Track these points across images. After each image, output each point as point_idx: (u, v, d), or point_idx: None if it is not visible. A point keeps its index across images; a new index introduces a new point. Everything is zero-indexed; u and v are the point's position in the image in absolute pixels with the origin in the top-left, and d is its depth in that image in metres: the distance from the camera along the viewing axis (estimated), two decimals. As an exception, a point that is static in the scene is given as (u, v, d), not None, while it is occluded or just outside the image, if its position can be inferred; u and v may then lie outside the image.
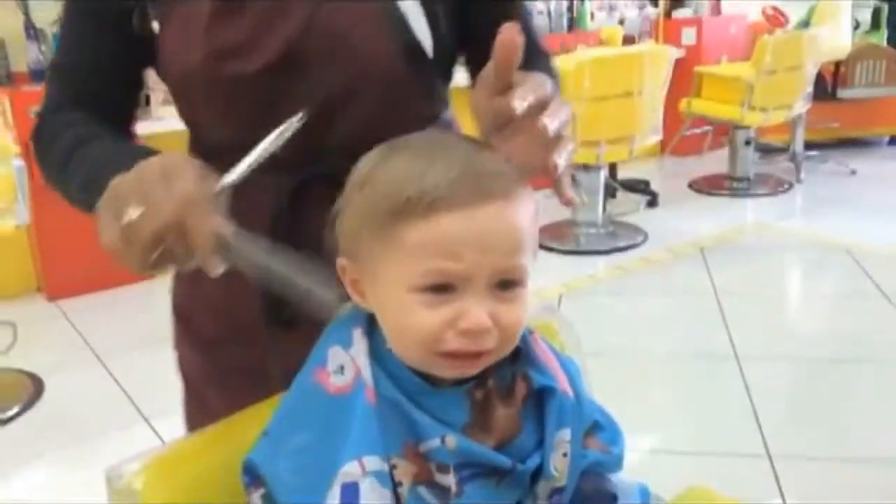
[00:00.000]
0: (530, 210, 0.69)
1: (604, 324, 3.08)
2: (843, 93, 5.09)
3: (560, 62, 4.03)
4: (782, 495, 1.95)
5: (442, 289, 0.65)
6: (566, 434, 0.77)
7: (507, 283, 0.68)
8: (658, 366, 2.74)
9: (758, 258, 3.80)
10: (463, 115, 0.87)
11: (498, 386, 0.74)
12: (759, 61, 4.26)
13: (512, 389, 0.75)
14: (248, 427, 0.76)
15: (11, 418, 2.53)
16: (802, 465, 2.11)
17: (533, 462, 0.75)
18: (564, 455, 0.77)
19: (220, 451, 0.78)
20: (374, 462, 0.67)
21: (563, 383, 0.78)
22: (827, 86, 5.08)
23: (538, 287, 3.40)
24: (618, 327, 3.05)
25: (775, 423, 2.29)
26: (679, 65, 4.67)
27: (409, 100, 0.91)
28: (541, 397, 0.77)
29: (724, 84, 4.47)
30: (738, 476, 2.03)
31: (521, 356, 0.76)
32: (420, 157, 0.67)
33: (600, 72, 3.53)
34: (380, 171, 0.68)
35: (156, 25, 0.87)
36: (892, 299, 3.11)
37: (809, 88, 4.52)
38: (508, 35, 0.64)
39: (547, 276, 3.41)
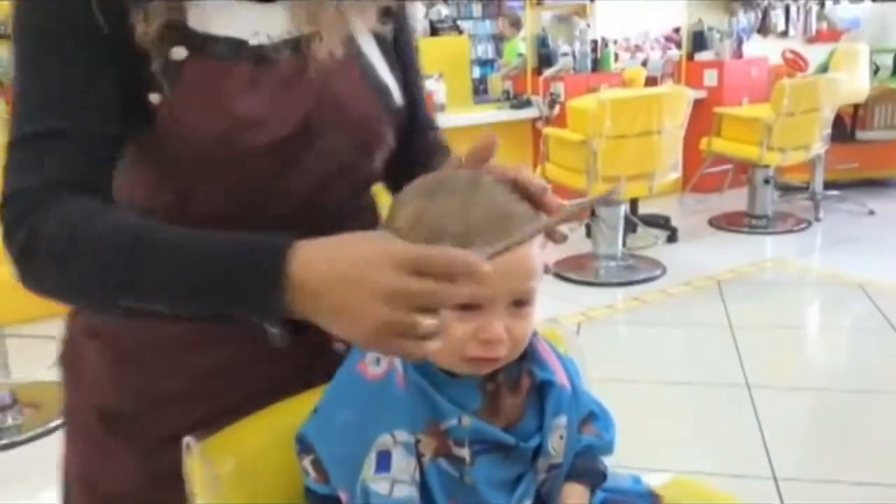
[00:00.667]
0: (540, 242, 0.85)
1: (620, 352, 3.20)
2: (861, 135, 5.19)
3: (582, 102, 4.21)
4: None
5: (470, 307, 0.81)
6: (563, 420, 0.92)
7: (520, 303, 0.84)
8: (671, 393, 2.85)
9: (773, 293, 3.90)
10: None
11: (506, 380, 0.90)
12: (778, 103, 4.39)
13: (518, 383, 0.91)
14: (297, 409, 0.91)
15: (57, 427, 2.70)
16: (806, 487, 2.20)
17: (533, 442, 0.90)
18: (561, 437, 0.92)
19: (276, 427, 0.93)
20: (403, 435, 0.82)
21: (561, 378, 0.93)
22: (846, 128, 5.18)
23: (557, 315, 3.51)
24: (634, 355, 3.17)
25: (782, 449, 2.39)
26: (701, 105, 4.83)
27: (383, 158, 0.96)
28: (542, 389, 0.92)
29: (744, 124, 4.60)
30: (742, 495, 2.12)
31: (527, 356, 0.91)
32: (463, 199, 0.81)
33: (621, 111, 3.69)
34: (430, 211, 0.81)
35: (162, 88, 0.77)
36: (902, 334, 3.20)
37: (827, 130, 4.63)
38: (490, 138, 0.83)
39: (566, 305, 3.54)
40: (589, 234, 4.25)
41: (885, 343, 3.17)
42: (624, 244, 4.18)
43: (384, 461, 0.82)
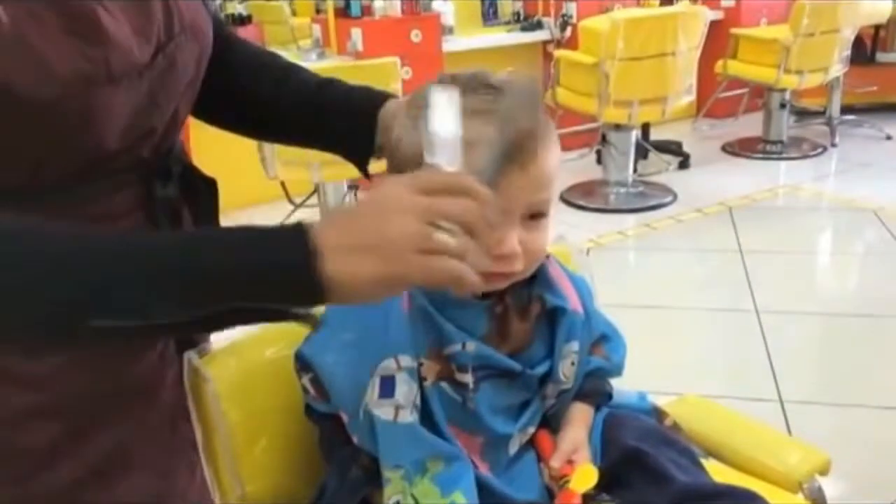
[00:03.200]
0: (557, 153, 0.82)
1: (630, 278, 3.19)
2: (882, 57, 5.04)
3: (595, 22, 4.10)
4: (789, 432, 2.07)
5: None
6: (574, 346, 0.91)
7: (536, 215, 0.81)
8: (680, 318, 2.85)
9: (785, 219, 3.86)
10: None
11: (515, 304, 0.88)
12: (797, 23, 4.25)
13: (527, 308, 0.89)
14: (297, 328, 0.90)
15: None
16: (811, 410, 2.22)
17: (541, 368, 0.89)
18: (572, 364, 0.91)
19: (276, 344, 0.92)
20: (406, 360, 0.81)
21: (574, 303, 0.92)
22: (866, 49, 5.04)
23: (567, 241, 3.51)
24: (643, 281, 3.16)
25: (789, 373, 2.39)
26: (717, 27, 4.68)
27: None
28: (553, 315, 0.90)
29: (761, 46, 4.47)
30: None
31: (537, 280, 0.89)
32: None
33: (634, 32, 3.58)
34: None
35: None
36: (914, 260, 3.17)
37: (847, 52, 4.49)
38: None
39: (576, 231, 3.51)
40: (599, 160, 4.19)
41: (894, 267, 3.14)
42: (635, 170, 4.12)
43: (388, 387, 0.81)
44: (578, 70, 3.81)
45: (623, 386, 1.03)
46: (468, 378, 0.84)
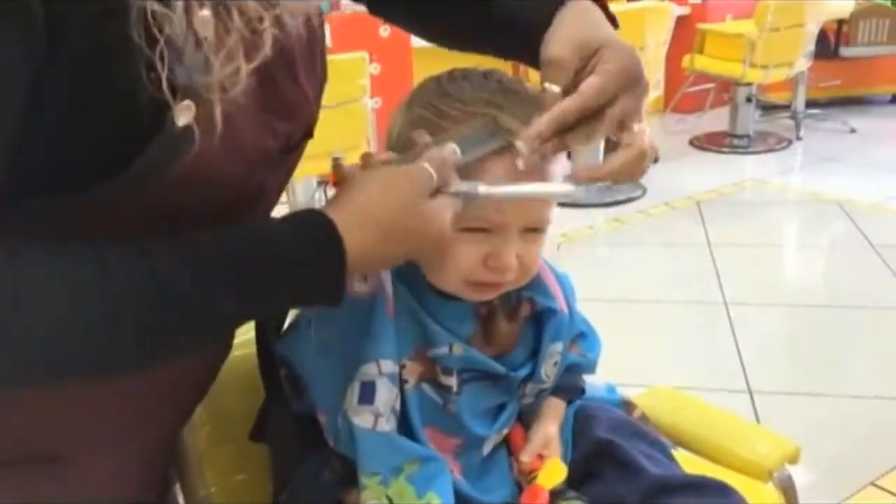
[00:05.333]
0: (558, 171, 0.80)
1: (600, 272, 3.20)
2: (845, 51, 5.11)
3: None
4: (758, 422, 2.09)
5: (482, 230, 0.77)
6: (559, 346, 0.90)
7: (533, 229, 0.80)
8: (649, 311, 2.86)
9: (752, 212, 3.90)
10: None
11: (503, 305, 0.86)
12: (762, 19, 4.29)
13: (516, 309, 0.87)
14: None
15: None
16: (780, 400, 2.24)
17: (523, 371, 0.87)
18: (555, 364, 0.90)
19: (240, 344, 0.90)
20: (388, 365, 0.79)
21: (561, 303, 0.91)
22: (830, 44, 5.10)
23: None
24: (613, 275, 3.17)
25: (758, 364, 2.42)
26: (684, 22, 4.71)
27: None
28: (540, 316, 0.89)
29: (727, 41, 4.51)
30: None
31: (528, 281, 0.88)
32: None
33: (602, 27, 3.58)
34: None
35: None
36: (878, 250, 3.22)
37: (811, 46, 4.55)
38: None
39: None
40: (569, 155, 4.19)
41: (862, 260, 3.19)
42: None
43: (368, 393, 0.79)
44: (547, 65, 3.80)
45: (593, 379, 1.03)
46: (452, 381, 0.83)
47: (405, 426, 0.81)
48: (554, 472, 0.84)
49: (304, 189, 3.25)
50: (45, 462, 0.70)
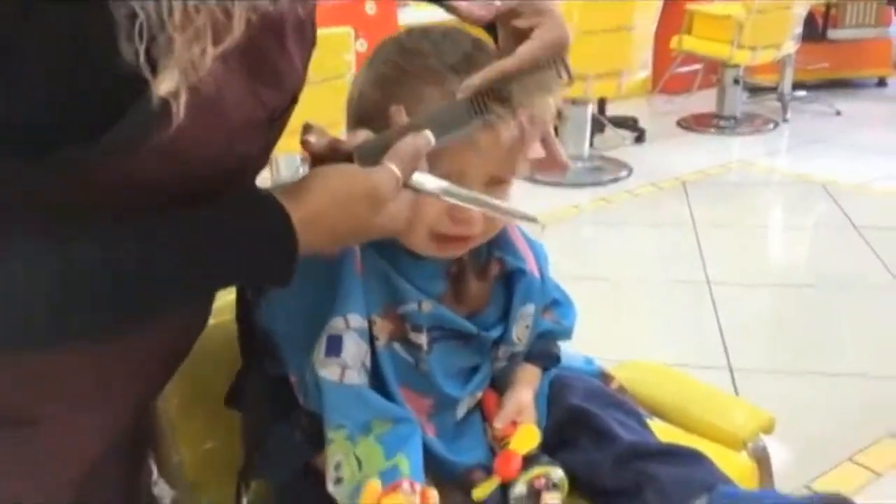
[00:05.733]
0: (523, 126, 0.79)
1: (585, 251, 3.21)
2: (833, 33, 5.12)
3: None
4: (738, 401, 2.10)
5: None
6: (530, 309, 0.90)
7: (498, 181, 0.80)
8: (633, 290, 2.87)
9: (738, 193, 3.91)
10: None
11: (473, 264, 0.86)
12: (750, 0, 4.28)
13: (486, 269, 0.87)
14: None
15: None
16: (760, 377, 2.26)
17: (495, 332, 0.87)
18: (527, 327, 0.90)
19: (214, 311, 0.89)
20: (356, 320, 0.79)
21: (531, 265, 0.91)
22: (817, 26, 5.10)
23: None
24: (598, 255, 3.18)
25: (739, 342, 2.43)
26: (673, 2, 4.69)
27: None
28: (510, 277, 0.89)
29: (715, 22, 4.50)
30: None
31: (497, 241, 0.88)
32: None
33: (591, 5, 3.57)
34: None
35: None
36: (861, 231, 3.24)
37: (799, 29, 4.55)
38: None
39: (532, 205, 3.49)
40: (556, 135, 4.18)
41: (845, 241, 3.20)
42: (591, 145, 4.13)
43: (335, 345, 0.79)
44: (534, 44, 3.78)
45: (572, 351, 1.03)
46: (422, 339, 0.82)
47: (380, 384, 0.81)
48: (527, 438, 0.85)
49: (287, 164, 3.22)
50: (15, 426, 0.70)
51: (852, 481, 1.84)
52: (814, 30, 5.00)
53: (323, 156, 0.68)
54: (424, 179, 0.69)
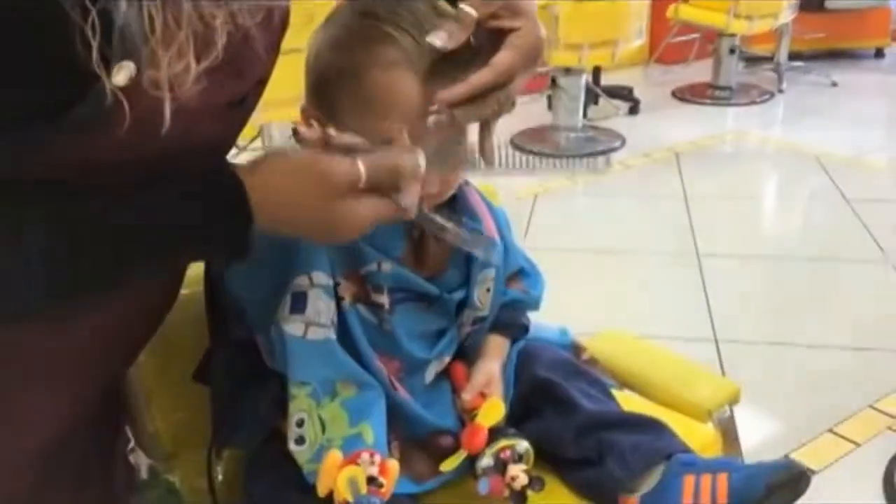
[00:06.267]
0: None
1: (575, 222, 3.21)
2: (831, 3, 5.07)
3: (545, -37, 3.87)
4: (723, 372, 2.12)
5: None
6: (490, 272, 0.91)
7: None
8: (621, 262, 2.88)
9: (731, 165, 3.91)
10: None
11: None
12: (747, -32, 4.24)
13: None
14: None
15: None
16: (744, 348, 2.28)
17: (458, 295, 0.88)
18: (488, 290, 0.91)
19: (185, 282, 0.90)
20: (321, 277, 0.81)
21: (490, 229, 0.92)
22: (816, -5, 5.06)
23: (515, 186, 3.53)
24: (588, 226, 3.18)
25: (726, 314, 2.45)
26: (669, -30, 4.65)
27: None
28: None
29: (712, -9, 4.46)
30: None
31: (455, 204, 0.89)
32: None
33: (584, -26, 3.54)
34: None
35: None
36: (852, 204, 3.24)
37: (796, -3, 4.52)
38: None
39: (525, 176, 3.51)
40: (550, 106, 4.17)
41: (836, 213, 3.21)
42: (585, 115, 4.11)
43: (299, 302, 0.80)
44: (528, 12, 3.75)
45: (548, 322, 1.04)
46: (384, 299, 0.84)
47: (350, 343, 0.83)
48: (493, 412, 0.86)
49: (279, 135, 3.22)
50: None
51: (832, 452, 1.87)
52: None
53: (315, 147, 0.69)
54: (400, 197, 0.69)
